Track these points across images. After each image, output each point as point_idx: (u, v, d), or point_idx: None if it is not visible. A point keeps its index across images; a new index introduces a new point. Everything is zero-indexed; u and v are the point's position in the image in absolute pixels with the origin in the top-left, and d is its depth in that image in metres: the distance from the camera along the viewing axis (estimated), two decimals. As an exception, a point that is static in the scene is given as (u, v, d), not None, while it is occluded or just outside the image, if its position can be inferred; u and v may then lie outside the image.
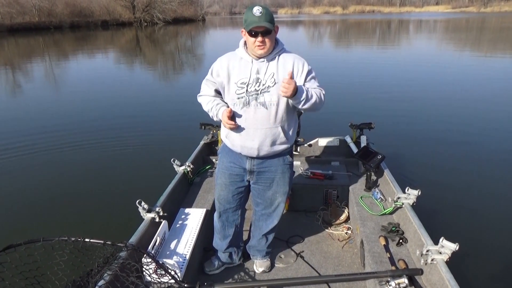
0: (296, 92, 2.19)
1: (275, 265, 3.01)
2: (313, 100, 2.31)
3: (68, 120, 8.35)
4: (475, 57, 17.79)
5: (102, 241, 1.90)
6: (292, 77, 2.22)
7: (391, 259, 2.53)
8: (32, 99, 11.03)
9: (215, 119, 2.46)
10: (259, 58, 2.33)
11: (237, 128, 2.39)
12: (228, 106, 2.40)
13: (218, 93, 2.49)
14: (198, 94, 2.56)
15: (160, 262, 2.08)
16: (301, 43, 27.47)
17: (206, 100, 2.48)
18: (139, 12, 56.79)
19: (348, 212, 3.52)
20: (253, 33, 2.23)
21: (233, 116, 2.36)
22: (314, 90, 2.36)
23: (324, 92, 2.41)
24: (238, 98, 2.34)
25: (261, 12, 2.19)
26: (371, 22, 60.17)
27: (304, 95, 2.24)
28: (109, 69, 16.63)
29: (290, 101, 2.28)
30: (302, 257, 3.11)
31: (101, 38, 36.14)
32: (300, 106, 2.30)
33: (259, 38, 2.22)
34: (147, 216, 2.77)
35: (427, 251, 2.33)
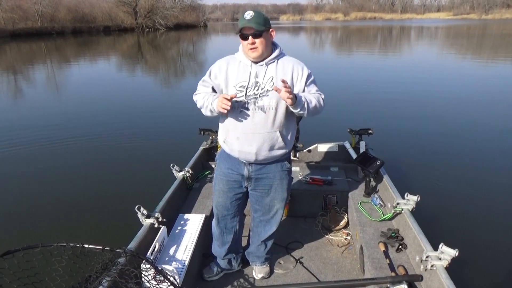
0: (295, 99, 2.20)
1: (274, 271, 3.00)
2: (312, 106, 2.31)
3: (67, 124, 8.37)
4: (476, 64, 17.82)
5: (100, 247, 1.89)
6: (286, 82, 2.15)
7: (391, 265, 2.52)
8: (33, 104, 11.07)
9: (209, 108, 2.34)
10: (258, 62, 2.32)
11: (235, 132, 2.38)
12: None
13: (215, 92, 2.45)
14: (194, 93, 2.51)
15: (159, 268, 2.07)
16: (302, 49, 27.54)
17: (202, 96, 2.42)
18: (141, 18, 57.16)
19: (348, 218, 3.51)
20: (243, 36, 2.25)
21: (232, 109, 2.28)
22: (313, 95, 2.36)
23: (323, 97, 2.41)
24: (237, 102, 2.32)
25: (251, 16, 2.20)
26: (372, 29, 60.37)
27: (303, 102, 2.25)
28: (110, 75, 16.69)
29: (290, 108, 2.27)
30: (301, 263, 3.09)
31: (103, 44, 36.31)
32: (300, 113, 2.29)
33: (250, 40, 2.23)
34: (146, 222, 2.76)
35: (427, 257, 2.32)
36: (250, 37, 2.23)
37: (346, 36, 46.73)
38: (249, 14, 2.21)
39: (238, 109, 2.33)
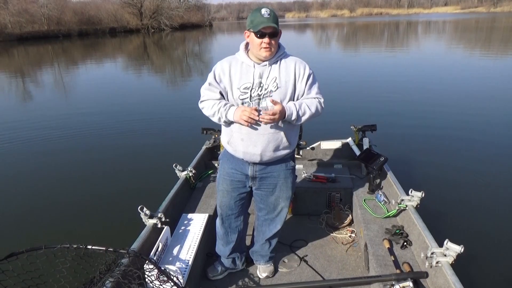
0: (284, 115, 2.23)
1: (279, 269, 2.99)
2: (306, 116, 2.31)
3: (71, 125, 8.45)
4: (484, 58, 17.63)
5: (104, 248, 1.89)
6: (278, 103, 2.22)
7: (396, 262, 2.51)
8: (39, 106, 11.18)
9: (222, 119, 2.34)
10: (261, 62, 2.30)
11: (239, 134, 2.36)
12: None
13: (223, 96, 2.40)
14: (200, 100, 2.45)
15: (163, 269, 2.07)
16: (307, 46, 27.48)
17: (211, 103, 2.36)
18: (147, 19, 57.35)
19: (352, 215, 3.50)
20: (260, 35, 2.20)
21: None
22: (309, 102, 2.33)
23: (322, 100, 2.38)
24: (242, 104, 2.30)
25: (269, 14, 2.18)
26: (378, 24, 59.99)
27: (294, 116, 2.27)
28: (116, 76, 16.80)
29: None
30: (305, 261, 3.08)
31: (109, 45, 36.51)
32: (292, 123, 2.32)
33: (266, 40, 2.20)
34: (149, 222, 2.76)
35: (432, 253, 2.31)
36: (267, 37, 2.20)
37: (352, 32, 46.48)
38: (267, 12, 2.18)
39: None
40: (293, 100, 2.35)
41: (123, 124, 8.46)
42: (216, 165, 4.04)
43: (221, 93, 2.38)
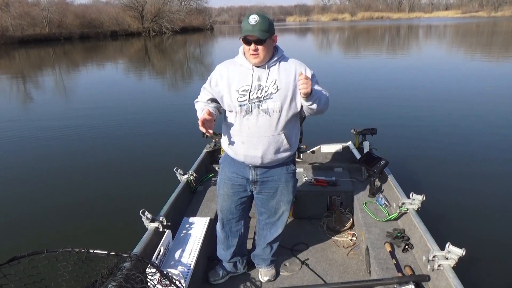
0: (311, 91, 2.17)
1: (280, 273, 2.99)
2: (322, 101, 2.28)
3: (73, 128, 8.46)
4: (485, 62, 17.62)
5: (106, 252, 1.89)
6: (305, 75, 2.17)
7: (397, 266, 2.51)
8: (40, 109, 11.20)
9: None
10: (259, 65, 2.31)
11: (240, 136, 2.37)
12: (213, 109, 2.36)
13: (213, 101, 2.46)
14: (195, 100, 2.54)
15: (165, 272, 2.08)
16: (308, 50, 27.51)
17: (199, 105, 2.47)
18: (148, 22, 57.42)
19: (353, 219, 3.50)
20: (246, 41, 2.23)
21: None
22: (320, 91, 2.34)
23: (328, 95, 2.39)
24: (240, 106, 2.31)
25: (256, 21, 2.17)
26: (379, 28, 60.00)
27: (316, 95, 2.23)
28: (117, 79, 16.81)
29: (303, 101, 2.23)
30: (307, 264, 3.08)
31: (110, 48, 36.55)
32: (312, 106, 2.23)
33: (252, 47, 2.22)
34: (151, 226, 2.76)
35: (434, 256, 2.31)
36: (252, 44, 2.21)
37: (353, 36, 46.50)
38: (253, 19, 2.18)
39: (242, 113, 2.32)
40: (294, 102, 2.33)
41: (124, 127, 8.47)
42: (216, 168, 4.04)
43: (211, 99, 2.44)
